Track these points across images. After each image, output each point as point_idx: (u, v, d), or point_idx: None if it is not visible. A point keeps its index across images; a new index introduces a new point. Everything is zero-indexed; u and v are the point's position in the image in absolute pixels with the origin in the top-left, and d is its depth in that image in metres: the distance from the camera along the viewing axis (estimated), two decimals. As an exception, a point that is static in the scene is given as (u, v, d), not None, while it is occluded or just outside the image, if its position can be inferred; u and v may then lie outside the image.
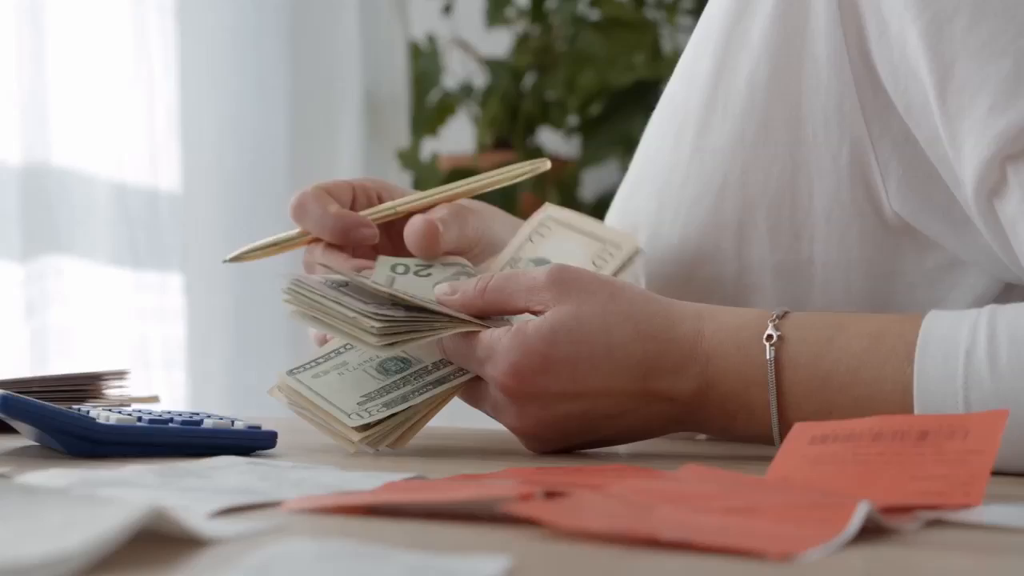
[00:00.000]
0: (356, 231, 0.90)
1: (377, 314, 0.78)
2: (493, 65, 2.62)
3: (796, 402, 0.77)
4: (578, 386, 0.78)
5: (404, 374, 0.81)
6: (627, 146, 2.49)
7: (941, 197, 0.81)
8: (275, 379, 0.84)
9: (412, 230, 0.89)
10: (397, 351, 0.81)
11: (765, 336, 0.77)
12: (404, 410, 0.79)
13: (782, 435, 0.77)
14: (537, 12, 2.60)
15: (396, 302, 0.80)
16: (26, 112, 1.73)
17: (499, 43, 2.65)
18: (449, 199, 0.93)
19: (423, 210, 0.92)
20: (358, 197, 0.94)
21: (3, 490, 0.50)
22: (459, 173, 2.47)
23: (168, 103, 1.96)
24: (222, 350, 2.07)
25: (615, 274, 0.88)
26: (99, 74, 1.85)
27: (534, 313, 0.79)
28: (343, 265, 0.88)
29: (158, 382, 1.90)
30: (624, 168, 2.52)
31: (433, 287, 0.84)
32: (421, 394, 0.80)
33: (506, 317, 0.82)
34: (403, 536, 0.51)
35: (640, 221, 0.92)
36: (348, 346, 0.83)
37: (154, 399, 0.97)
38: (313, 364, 0.83)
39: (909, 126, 0.80)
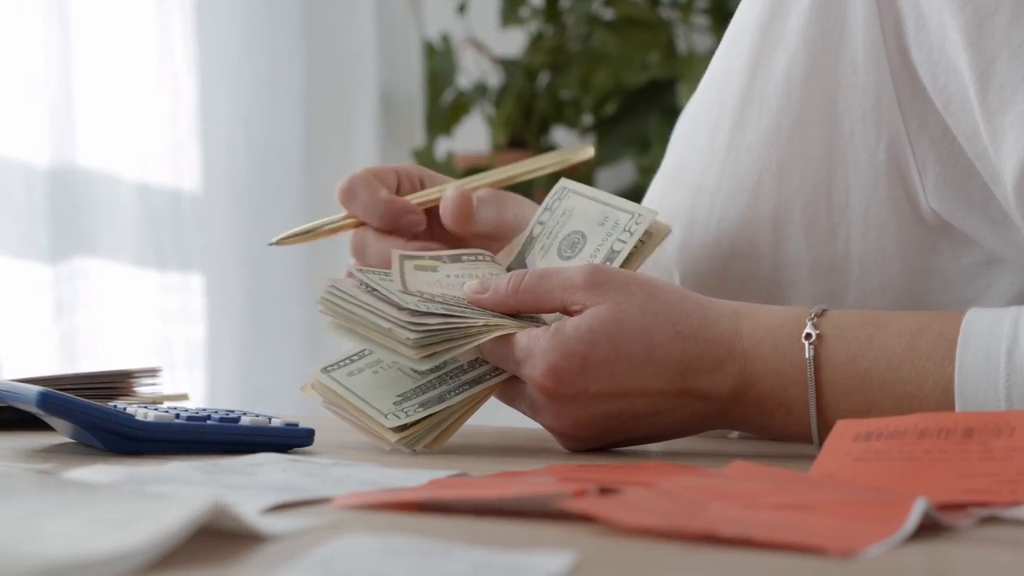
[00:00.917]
0: (404, 218, 0.91)
1: (411, 323, 0.78)
2: (507, 64, 2.62)
3: (835, 400, 0.77)
4: (616, 386, 0.77)
5: (440, 373, 0.81)
6: (641, 145, 2.49)
7: (979, 194, 0.81)
8: (307, 377, 0.83)
9: (446, 202, 0.92)
10: (435, 363, 0.80)
11: (804, 335, 0.77)
12: (441, 410, 0.79)
13: (821, 434, 0.76)
14: (551, 11, 2.60)
15: (429, 311, 0.79)
16: (53, 114, 1.73)
17: (513, 43, 2.65)
18: (495, 184, 0.94)
19: None
20: (402, 183, 0.95)
21: (60, 485, 0.50)
22: (475, 172, 2.46)
23: (189, 104, 1.96)
24: (240, 350, 2.06)
25: (636, 248, 0.84)
26: (124, 76, 1.85)
27: (569, 313, 0.79)
28: (397, 248, 0.88)
29: (180, 382, 1.90)
30: (639, 167, 2.52)
31: (462, 285, 0.83)
32: (458, 394, 0.79)
33: (539, 316, 0.82)
34: (458, 532, 0.51)
35: (675, 218, 0.92)
36: (383, 344, 0.83)
37: (184, 397, 0.97)
38: (347, 362, 0.83)
39: (948, 122, 0.79)
